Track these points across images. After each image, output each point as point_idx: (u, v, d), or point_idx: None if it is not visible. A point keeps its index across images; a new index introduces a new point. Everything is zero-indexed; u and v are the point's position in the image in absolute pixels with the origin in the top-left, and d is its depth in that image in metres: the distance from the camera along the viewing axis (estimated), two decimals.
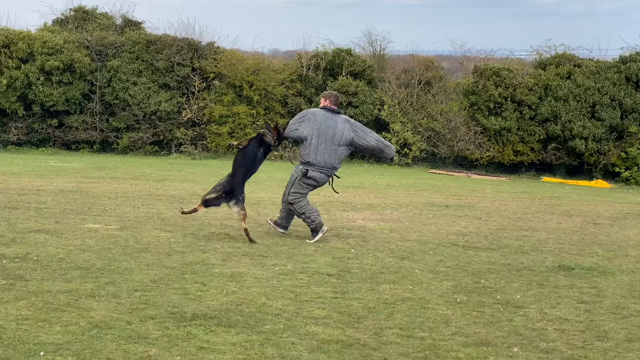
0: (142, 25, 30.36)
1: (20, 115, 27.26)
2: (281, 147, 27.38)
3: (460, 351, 6.69)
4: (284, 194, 11.82)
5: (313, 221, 11.38)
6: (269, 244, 10.89)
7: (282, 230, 11.75)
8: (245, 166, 11.28)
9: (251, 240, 10.83)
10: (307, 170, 11.48)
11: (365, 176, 22.68)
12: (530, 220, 14.59)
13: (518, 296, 8.63)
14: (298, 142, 11.94)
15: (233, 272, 9.09)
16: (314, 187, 11.66)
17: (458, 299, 8.39)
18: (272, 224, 11.83)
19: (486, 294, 8.70)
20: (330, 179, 11.75)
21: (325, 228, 11.41)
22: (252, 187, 17.82)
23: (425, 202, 16.59)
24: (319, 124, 11.40)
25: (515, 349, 6.81)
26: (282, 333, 6.94)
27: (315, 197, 16.37)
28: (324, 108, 11.65)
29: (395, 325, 7.36)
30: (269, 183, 19.19)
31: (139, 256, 9.72)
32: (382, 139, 11.91)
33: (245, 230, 10.98)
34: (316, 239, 11.25)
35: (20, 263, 9.05)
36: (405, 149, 27.48)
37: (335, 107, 11.71)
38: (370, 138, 11.62)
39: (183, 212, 11.66)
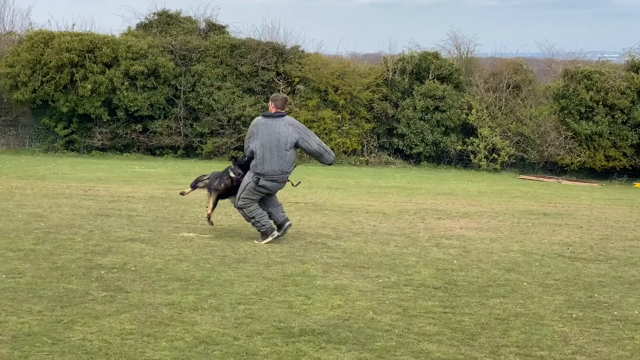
0: (226, 29, 30.29)
1: (105, 120, 27.40)
2: (367, 151, 27.14)
3: None
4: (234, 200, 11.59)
5: (263, 225, 11.22)
6: (368, 255, 10.57)
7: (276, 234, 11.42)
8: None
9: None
10: (259, 179, 11.22)
11: (454, 182, 22.23)
12: (634, 230, 14.01)
13: (636, 312, 8.16)
14: None
15: (336, 285, 8.79)
16: (266, 194, 11.41)
17: (574, 315, 7.96)
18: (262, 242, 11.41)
19: (602, 309, 8.25)
20: (285, 183, 11.54)
21: (275, 233, 11.26)
22: (342, 194, 17.57)
23: (521, 209, 16.09)
24: (261, 134, 11.16)
25: None
26: (394, 350, 6.61)
27: (408, 205, 16.03)
28: (264, 115, 11.49)
29: (511, 343, 6.97)
30: (357, 190, 18.90)
31: (238, 267, 9.49)
32: (323, 143, 11.59)
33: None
34: (266, 241, 11.13)
35: (118, 274, 8.89)
36: (493, 154, 26.91)
37: (281, 111, 11.45)
38: (313, 142, 11.36)
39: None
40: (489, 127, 26.98)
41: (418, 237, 12.14)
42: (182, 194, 12.82)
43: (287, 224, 11.47)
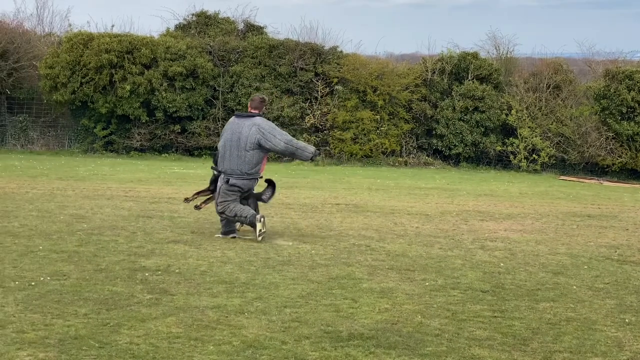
0: (264, 29, 30.24)
1: (144, 121, 27.42)
2: (405, 152, 27.01)
3: None
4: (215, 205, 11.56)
5: (246, 217, 11.18)
6: (413, 257, 10.45)
7: (232, 235, 11.42)
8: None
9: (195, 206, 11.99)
10: (229, 178, 11.24)
11: (494, 183, 22.02)
12: None
13: None
14: None
15: (382, 288, 8.68)
16: (240, 192, 11.36)
17: (626, 320, 7.79)
18: (221, 235, 11.46)
19: None
20: (257, 181, 11.53)
21: (259, 216, 11.16)
22: (382, 196, 17.45)
23: (565, 211, 15.87)
24: (226, 133, 11.35)
25: None
26: (445, 356, 6.49)
27: (450, 206, 15.88)
28: (236, 115, 11.65)
29: (564, 348, 6.82)
30: (397, 191, 18.76)
31: (282, 269, 9.40)
32: (294, 141, 11.47)
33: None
34: (259, 230, 11.09)
35: (162, 276, 8.83)
36: (533, 155, 26.64)
37: (254, 111, 11.46)
38: (279, 141, 11.22)
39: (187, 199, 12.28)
40: (529, 127, 26.70)
41: (462, 239, 11.99)
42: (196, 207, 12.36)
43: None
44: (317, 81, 27.47)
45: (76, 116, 28.04)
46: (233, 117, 11.66)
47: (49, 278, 8.46)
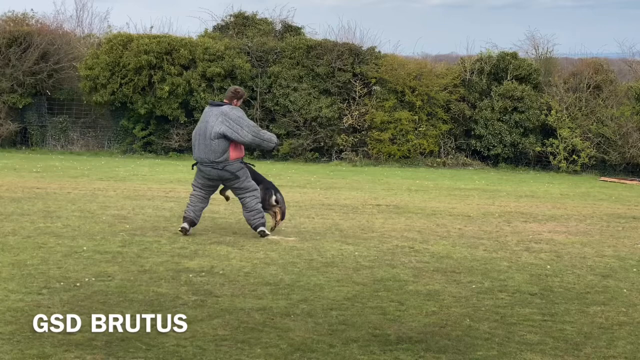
0: (302, 30, 30.10)
1: (182, 122, 27.43)
2: (444, 152, 26.86)
3: None
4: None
5: (185, 212, 11.51)
6: (457, 259, 10.32)
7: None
8: None
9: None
10: (196, 163, 11.61)
11: (534, 184, 21.78)
12: None
13: None
14: None
15: (429, 290, 8.57)
16: (207, 179, 11.49)
17: None
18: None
19: None
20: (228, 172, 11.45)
21: (184, 224, 11.34)
22: (422, 197, 17.32)
23: (609, 212, 15.64)
24: (199, 122, 11.60)
25: None
26: None
27: (492, 207, 15.72)
28: (210, 103, 11.83)
29: (619, 354, 6.70)
30: (437, 192, 18.61)
31: (326, 271, 9.32)
32: (261, 133, 11.57)
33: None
34: (181, 226, 11.36)
35: (207, 277, 8.79)
36: (573, 156, 26.34)
37: (226, 101, 11.57)
38: (246, 134, 11.29)
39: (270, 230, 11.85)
40: (568, 128, 26.37)
41: (506, 241, 11.83)
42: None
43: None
44: (355, 81, 27.32)
45: (115, 117, 28.13)
46: (207, 105, 11.86)
47: (93, 279, 8.44)
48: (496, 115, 26.61)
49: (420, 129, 26.81)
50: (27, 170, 20.10)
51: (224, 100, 11.67)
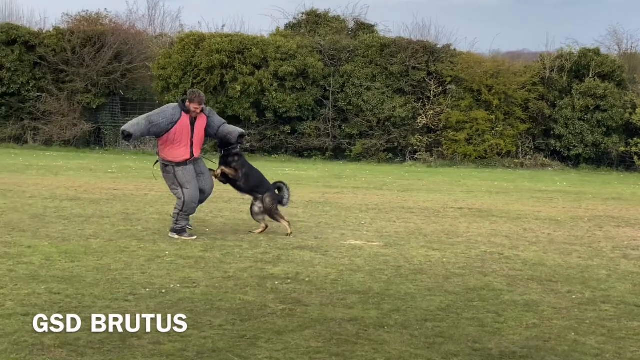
0: (375, 28, 29.76)
1: (254, 122, 27.26)
2: (522, 153, 26.28)
3: None
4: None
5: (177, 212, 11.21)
6: (551, 267, 9.86)
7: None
8: None
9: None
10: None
11: (619, 186, 21.11)
12: None
13: None
14: None
15: (526, 300, 8.14)
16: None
17: None
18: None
19: None
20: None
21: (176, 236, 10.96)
22: (505, 200, 16.85)
23: None
24: None
25: None
26: None
27: (579, 211, 15.19)
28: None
29: None
30: (518, 194, 18.11)
31: (415, 279, 8.95)
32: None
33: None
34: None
35: (293, 284, 8.48)
36: None
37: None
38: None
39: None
40: None
41: (600, 247, 11.32)
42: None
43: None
44: (430, 80, 26.87)
45: None
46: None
47: (178, 285, 8.19)
48: (577, 114, 25.93)
49: (497, 128, 26.27)
50: (103, 171, 20.08)
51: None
